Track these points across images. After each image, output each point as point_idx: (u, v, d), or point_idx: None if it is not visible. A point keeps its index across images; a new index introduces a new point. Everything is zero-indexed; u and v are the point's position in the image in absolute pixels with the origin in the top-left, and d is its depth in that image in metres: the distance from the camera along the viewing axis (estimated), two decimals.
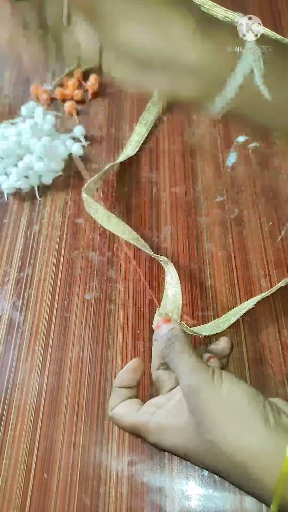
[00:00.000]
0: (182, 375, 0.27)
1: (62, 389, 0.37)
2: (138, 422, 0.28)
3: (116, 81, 0.28)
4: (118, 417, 0.30)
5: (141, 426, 0.28)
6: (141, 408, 0.29)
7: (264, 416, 0.24)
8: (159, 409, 0.28)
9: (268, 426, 0.24)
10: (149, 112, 0.51)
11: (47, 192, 0.49)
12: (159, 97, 0.52)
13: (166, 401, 0.29)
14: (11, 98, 0.56)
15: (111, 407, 0.31)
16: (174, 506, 0.33)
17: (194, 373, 0.26)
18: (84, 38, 0.28)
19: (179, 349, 0.28)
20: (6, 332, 0.41)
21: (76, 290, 0.42)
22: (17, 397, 0.38)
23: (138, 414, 0.29)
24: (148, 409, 0.29)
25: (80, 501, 0.33)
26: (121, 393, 0.31)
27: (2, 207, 0.48)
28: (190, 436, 0.26)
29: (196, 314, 0.39)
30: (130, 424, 0.29)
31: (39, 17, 0.28)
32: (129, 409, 0.30)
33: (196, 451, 0.26)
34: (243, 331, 0.38)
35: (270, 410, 0.25)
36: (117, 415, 0.30)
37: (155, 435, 0.27)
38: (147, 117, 0.51)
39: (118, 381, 0.32)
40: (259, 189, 0.46)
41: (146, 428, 0.28)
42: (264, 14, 0.57)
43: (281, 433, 0.24)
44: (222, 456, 0.24)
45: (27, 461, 0.35)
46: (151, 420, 0.28)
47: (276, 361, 0.37)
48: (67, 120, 0.54)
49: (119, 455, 0.35)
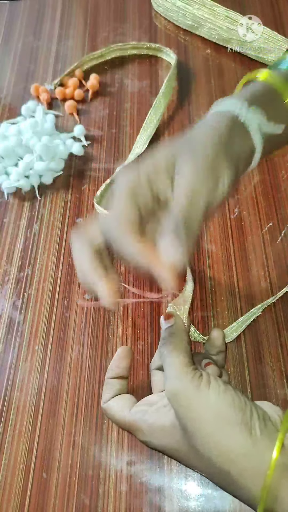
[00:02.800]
0: (167, 378, 0.27)
1: (62, 389, 0.38)
2: (130, 420, 0.28)
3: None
4: (112, 412, 0.29)
5: (132, 424, 0.28)
6: (135, 406, 0.29)
7: (249, 426, 0.24)
8: (150, 407, 0.28)
9: (254, 437, 0.23)
10: (154, 113, 0.51)
11: (47, 192, 0.49)
12: (163, 97, 0.52)
13: (158, 400, 0.29)
14: (11, 98, 0.56)
15: (105, 399, 0.30)
16: (173, 506, 0.33)
17: (178, 378, 0.26)
18: None
19: (170, 348, 0.28)
20: (6, 331, 0.41)
21: (76, 290, 0.42)
22: (16, 396, 0.38)
23: (131, 412, 0.29)
24: (141, 407, 0.29)
25: (79, 500, 0.33)
26: (113, 385, 0.31)
27: (2, 206, 0.48)
28: (177, 438, 0.26)
29: (196, 315, 0.39)
30: (123, 421, 0.29)
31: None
32: (122, 406, 0.29)
33: (183, 453, 0.26)
34: (243, 332, 0.38)
35: (257, 419, 0.24)
36: (111, 409, 0.30)
37: (145, 435, 0.27)
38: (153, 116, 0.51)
39: (109, 372, 0.31)
40: (259, 189, 0.46)
41: (137, 427, 0.28)
42: (265, 14, 0.57)
43: (267, 442, 0.23)
44: (208, 462, 0.24)
45: (27, 460, 0.35)
46: (142, 419, 0.28)
47: (275, 362, 0.37)
48: (68, 120, 0.54)
49: (118, 455, 0.35)
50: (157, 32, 0.59)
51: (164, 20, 0.60)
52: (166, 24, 0.60)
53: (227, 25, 0.54)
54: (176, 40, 0.58)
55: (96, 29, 0.61)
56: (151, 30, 0.59)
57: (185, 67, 0.55)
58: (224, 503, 0.32)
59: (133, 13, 0.61)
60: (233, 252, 0.42)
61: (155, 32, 0.59)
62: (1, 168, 0.48)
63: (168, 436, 0.26)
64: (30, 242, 0.46)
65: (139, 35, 0.59)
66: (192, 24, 0.57)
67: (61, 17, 0.63)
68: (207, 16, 0.55)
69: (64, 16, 0.63)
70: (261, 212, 0.44)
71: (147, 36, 0.59)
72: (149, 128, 0.51)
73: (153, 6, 0.61)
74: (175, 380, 0.26)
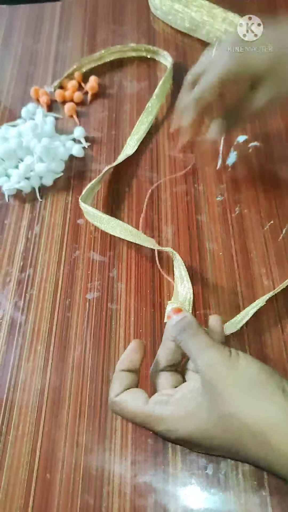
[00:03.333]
0: (200, 352, 0.28)
1: (65, 389, 0.37)
2: (147, 411, 0.28)
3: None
4: (124, 405, 0.29)
5: (150, 415, 0.28)
6: (152, 397, 0.29)
7: (281, 387, 0.25)
8: (171, 397, 0.28)
9: (286, 396, 0.24)
10: (148, 113, 0.52)
11: (48, 193, 0.49)
12: (156, 100, 0.52)
13: (175, 392, 0.29)
14: (11, 100, 0.56)
15: (115, 392, 0.30)
16: (178, 506, 0.32)
17: (211, 349, 0.27)
18: None
19: (192, 332, 0.29)
20: (8, 332, 0.41)
21: (78, 290, 0.42)
22: (19, 397, 0.37)
23: (149, 403, 0.28)
24: (161, 397, 0.28)
25: (83, 500, 0.33)
26: (124, 377, 0.30)
27: (3, 208, 0.48)
28: (204, 417, 0.26)
29: (199, 313, 0.39)
30: (139, 412, 0.28)
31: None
32: (136, 398, 0.29)
33: (211, 432, 0.26)
34: (246, 329, 0.38)
35: (287, 383, 0.26)
36: (122, 402, 0.29)
37: (166, 423, 0.27)
38: (146, 117, 0.51)
39: (121, 364, 0.31)
40: (260, 188, 0.46)
41: (156, 416, 0.28)
42: (263, 14, 0.58)
43: None
44: (240, 429, 0.25)
45: (30, 461, 0.35)
46: (163, 408, 0.28)
47: (278, 357, 0.37)
48: (67, 122, 0.54)
49: (122, 455, 0.34)
50: (156, 35, 0.59)
51: (162, 23, 0.60)
52: (164, 27, 0.60)
53: (225, 27, 0.54)
54: (174, 42, 0.58)
55: (94, 32, 0.61)
56: (150, 32, 0.60)
57: (184, 70, 0.55)
58: (229, 502, 0.32)
59: (132, 16, 0.62)
60: (235, 251, 0.42)
61: (153, 34, 0.60)
62: (2, 170, 0.48)
63: (196, 418, 0.27)
64: (31, 243, 0.46)
65: (137, 37, 0.59)
66: (190, 27, 0.57)
67: (60, 20, 0.63)
68: (206, 19, 0.55)
69: (63, 19, 0.63)
70: (262, 210, 0.45)
71: (146, 39, 0.59)
72: (140, 130, 0.51)
73: (151, 9, 0.61)
74: (208, 353, 0.27)
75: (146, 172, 0.49)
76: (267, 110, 0.38)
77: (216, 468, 0.33)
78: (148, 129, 0.51)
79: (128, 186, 0.48)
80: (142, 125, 0.51)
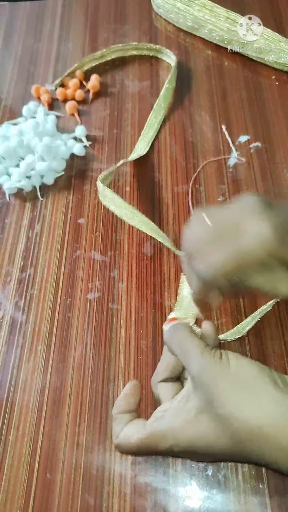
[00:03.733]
0: (192, 359, 0.28)
1: (65, 389, 0.37)
2: (147, 434, 0.28)
3: None
4: (126, 440, 0.28)
5: (151, 436, 0.27)
6: (148, 420, 0.29)
7: (272, 380, 0.26)
8: (165, 412, 0.28)
9: (278, 388, 0.25)
10: (155, 116, 0.51)
11: (49, 192, 0.49)
12: (164, 99, 0.52)
13: (170, 405, 0.29)
14: (12, 99, 0.56)
15: (116, 434, 0.29)
16: (178, 506, 0.32)
17: (200, 358, 0.27)
18: None
19: (183, 337, 0.29)
20: (9, 332, 0.41)
21: (78, 290, 0.42)
22: (20, 397, 0.37)
23: (146, 426, 0.28)
24: (156, 415, 0.28)
25: (83, 500, 0.33)
26: (122, 418, 0.30)
27: (4, 207, 0.48)
28: (204, 423, 0.26)
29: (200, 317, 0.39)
30: (141, 438, 0.28)
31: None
32: (135, 428, 0.29)
33: (211, 437, 0.26)
34: (247, 332, 0.38)
35: (277, 376, 0.26)
36: (124, 438, 0.28)
37: (168, 438, 0.27)
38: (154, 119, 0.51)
39: (118, 407, 0.30)
40: (261, 188, 0.46)
41: (157, 435, 0.27)
42: (265, 15, 0.58)
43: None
44: (237, 428, 0.25)
45: (30, 461, 0.35)
46: (161, 424, 0.27)
47: (279, 360, 0.37)
48: (69, 121, 0.54)
49: (123, 455, 0.34)
50: (158, 33, 0.59)
51: (164, 22, 0.60)
52: (166, 25, 0.60)
53: (228, 26, 0.54)
54: (176, 41, 0.58)
55: (96, 30, 0.61)
56: (152, 31, 0.59)
57: (186, 68, 0.55)
58: (229, 503, 0.32)
59: (134, 15, 0.62)
60: None
61: (155, 33, 0.59)
62: (3, 168, 0.48)
63: (193, 426, 0.26)
64: (32, 242, 0.45)
65: (139, 36, 0.59)
66: (193, 25, 0.57)
67: (61, 18, 0.63)
68: (208, 18, 0.55)
69: (64, 17, 0.63)
70: None
71: (148, 37, 0.59)
72: (151, 131, 0.51)
73: (153, 7, 0.61)
74: (198, 360, 0.27)
75: (148, 172, 0.49)
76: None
77: (216, 469, 0.33)
78: (158, 129, 0.51)
79: (130, 186, 0.48)
80: (152, 127, 0.51)
